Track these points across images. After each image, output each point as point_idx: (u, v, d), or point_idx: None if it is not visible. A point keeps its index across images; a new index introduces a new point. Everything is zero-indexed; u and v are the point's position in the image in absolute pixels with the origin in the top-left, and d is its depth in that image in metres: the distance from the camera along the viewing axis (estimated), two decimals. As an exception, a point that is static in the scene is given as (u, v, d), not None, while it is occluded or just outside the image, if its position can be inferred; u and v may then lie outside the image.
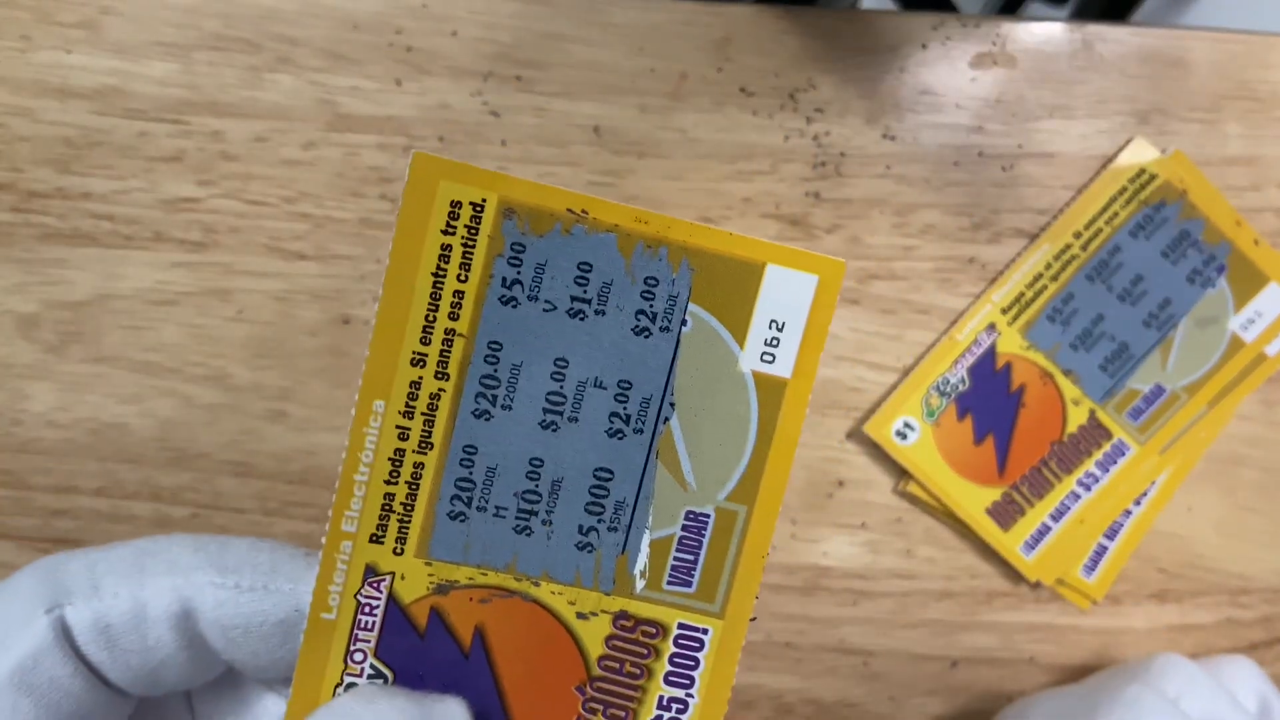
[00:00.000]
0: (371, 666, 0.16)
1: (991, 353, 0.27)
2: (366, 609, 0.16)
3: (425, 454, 0.16)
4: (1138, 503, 0.28)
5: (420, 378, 0.16)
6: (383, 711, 0.15)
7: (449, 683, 0.16)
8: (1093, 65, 0.28)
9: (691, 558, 0.16)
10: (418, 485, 0.16)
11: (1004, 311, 0.27)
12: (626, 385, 0.16)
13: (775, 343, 0.16)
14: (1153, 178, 0.26)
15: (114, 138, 0.27)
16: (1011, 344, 0.27)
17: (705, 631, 0.17)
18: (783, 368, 0.16)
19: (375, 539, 0.16)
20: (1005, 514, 0.28)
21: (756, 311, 0.16)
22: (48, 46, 0.27)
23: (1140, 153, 0.27)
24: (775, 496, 0.16)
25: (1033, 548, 0.28)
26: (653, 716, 0.17)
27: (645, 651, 0.17)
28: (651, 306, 0.16)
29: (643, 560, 0.16)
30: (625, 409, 0.16)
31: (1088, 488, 0.28)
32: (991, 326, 0.26)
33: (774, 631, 0.29)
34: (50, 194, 0.28)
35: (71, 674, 0.15)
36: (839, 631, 0.29)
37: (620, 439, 0.16)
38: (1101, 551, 0.28)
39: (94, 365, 0.28)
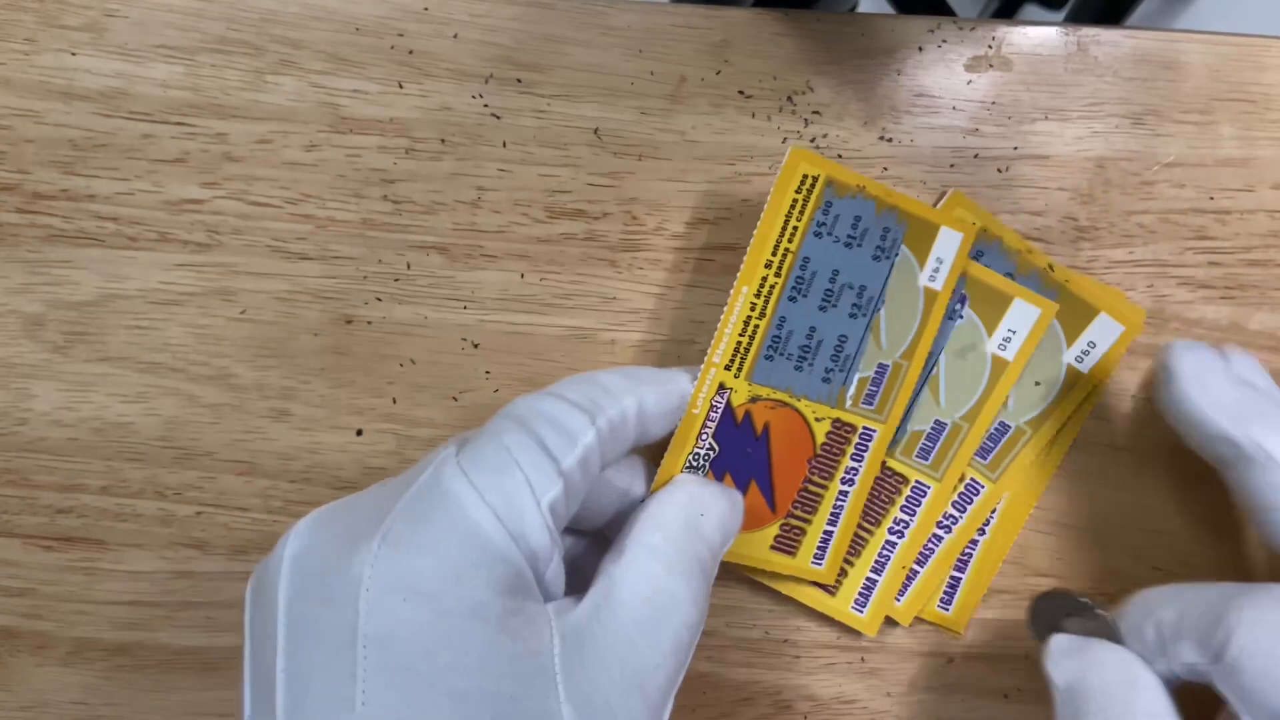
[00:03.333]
0: (709, 442, 0.27)
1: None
2: (715, 408, 0.27)
3: (761, 320, 0.27)
4: (982, 532, 0.29)
5: (767, 275, 0.26)
6: (689, 480, 0.26)
7: (746, 453, 0.27)
8: (1087, 68, 0.28)
9: (876, 389, 0.27)
10: (754, 338, 0.27)
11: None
12: (863, 289, 0.27)
13: (938, 270, 0.27)
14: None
15: (118, 139, 0.28)
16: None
17: (874, 432, 0.27)
18: (938, 284, 0.27)
19: (728, 367, 0.27)
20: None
21: (932, 251, 0.27)
22: (53, 49, 0.27)
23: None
24: (922, 356, 0.27)
25: (864, 605, 0.29)
26: (841, 475, 0.27)
27: (844, 441, 0.27)
28: (884, 243, 0.27)
29: (853, 389, 0.27)
30: (860, 302, 0.27)
31: (900, 534, 0.28)
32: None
33: (772, 629, 0.29)
34: (55, 195, 0.28)
35: (597, 465, 0.23)
36: (837, 628, 0.30)
37: (855, 319, 0.27)
38: (955, 584, 0.29)
39: (99, 365, 0.28)
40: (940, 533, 0.29)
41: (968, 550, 0.29)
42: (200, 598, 0.29)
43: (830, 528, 0.28)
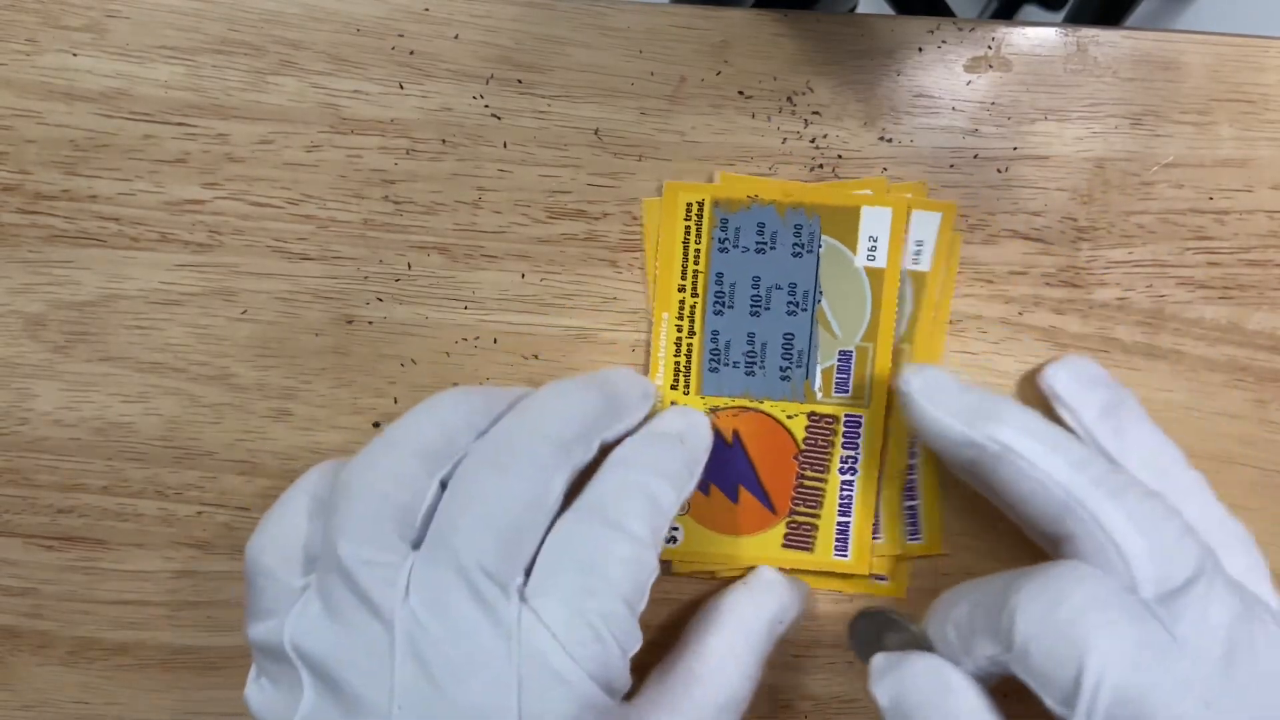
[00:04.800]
0: None
1: None
2: None
3: (692, 339, 0.28)
4: (914, 455, 0.29)
5: (683, 298, 0.28)
6: (777, 584, 0.28)
7: (722, 462, 0.28)
8: (1086, 68, 0.28)
9: (845, 376, 0.28)
10: (690, 356, 0.28)
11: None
12: (794, 286, 0.28)
13: (874, 248, 0.28)
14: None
15: (120, 140, 0.28)
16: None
17: (860, 418, 0.28)
18: (880, 261, 0.28)
19: (674, 387, 0.28)
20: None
21: (860, 233, 0.28)
22: (54, 49, 0.27)
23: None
24: (888, 335, 0.28)
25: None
26: (838, 466, 0.28)
27: (829, 432, 0.28)
28: (799, 240, 0.28)
29: (818, 381, 0.28)
30: (794, 299, 0.28)
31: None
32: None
33: (772, 628, 0.29)
34: (57, 195, 0.28)
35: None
36: (836, 628, 0.30)
37: (794, 315, 0.28)
38: (914, 513, 0.29)
39: (100, 365, 0.29)
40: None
41: (911, 478, 0.29)
42: (201, 597, 0.30)
43: (844, 519, 0.28)
